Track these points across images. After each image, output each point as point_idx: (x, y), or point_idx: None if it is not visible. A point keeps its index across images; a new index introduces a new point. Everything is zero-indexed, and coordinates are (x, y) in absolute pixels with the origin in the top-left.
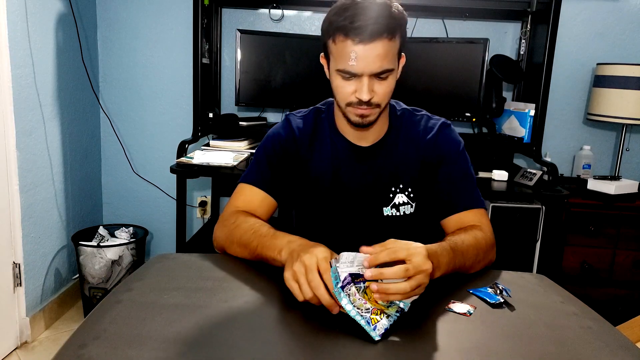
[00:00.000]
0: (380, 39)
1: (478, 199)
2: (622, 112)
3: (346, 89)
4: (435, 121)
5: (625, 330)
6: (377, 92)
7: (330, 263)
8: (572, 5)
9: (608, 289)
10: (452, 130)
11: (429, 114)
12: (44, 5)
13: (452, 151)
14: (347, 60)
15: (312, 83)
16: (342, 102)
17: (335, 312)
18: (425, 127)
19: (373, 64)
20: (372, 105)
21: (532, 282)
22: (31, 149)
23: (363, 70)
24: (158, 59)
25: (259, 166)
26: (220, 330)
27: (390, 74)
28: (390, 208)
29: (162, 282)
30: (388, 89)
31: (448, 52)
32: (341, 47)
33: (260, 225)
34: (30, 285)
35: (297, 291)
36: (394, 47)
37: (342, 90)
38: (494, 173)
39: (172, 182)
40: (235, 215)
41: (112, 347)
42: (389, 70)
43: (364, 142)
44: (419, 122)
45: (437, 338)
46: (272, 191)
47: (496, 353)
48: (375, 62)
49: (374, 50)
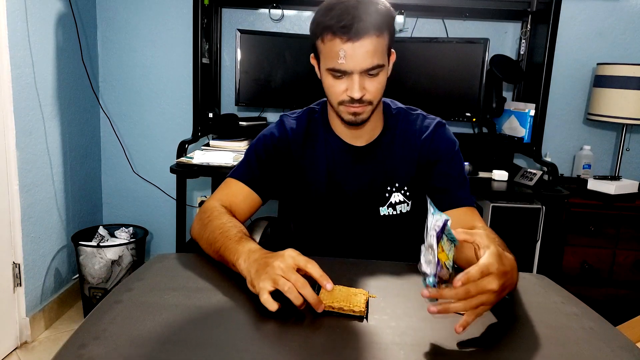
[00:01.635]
0: (368, 35)
1: (470, 197)
2: (622, 112)
3: (337, 88)
4: (431, 120)
5: (625, 330)
6: (369, 89)
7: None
8: (572, 5)
9: (608, 289)
10: (447, 129)
11: (424, 113)
12: (44, 5)
13: (447, 150)
14: (337, 58)
15: (312, 83)
16: (334, 101)
17: (321, 310)
18: (421, 126)
19: (363, 61)
20: (364, 102)
21: (532, 282)
22: (31, 148)
23: (353, 68)
24: (158, 59)
25: (247, 163)
26: (220, 330)
27: (380, 70)
28: (386, 207)
29: (162, 282)
30: (379, 86)
31: (448, 52)
32: (330, 46)
33: (231, 227)
34: (30, 285)
35: (264, 294)
36: (382, 43)
37: (333, 90)
38: (494, 173)
39: (172, 182)
40: (211, 210)
41: (112, 347)
42: (379, 67)
43: (359, 141)
44: (414, 121)
45: (437, 338)
46: (258, 189)
47: (497, 353)
48: (365, 59)
49: (363, 47)
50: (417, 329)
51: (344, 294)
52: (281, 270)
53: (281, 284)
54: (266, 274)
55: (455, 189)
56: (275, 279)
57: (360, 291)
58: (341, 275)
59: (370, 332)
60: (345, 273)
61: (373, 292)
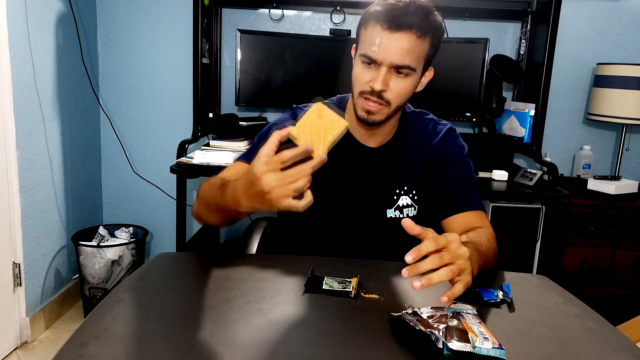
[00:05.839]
0: (408, 32)
1: (479, 201)
2: (622, 112)
3: (363, 77)
4: (442, 126)
5: (625, 330)
6: (392, 88)
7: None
8: (572, 5)
9: (608, 289)
10: (458, 135)
11: (436, 119)
12: (44, 5)
13: (456, 155)
14: (371, 45)
15: (312, 83)
16: (356, 89)
17: (321, 154)
18: (433, 131)
19: (394, 55)
20: (383, 100)
21: (533, 283)
22: (31, 148)
23: (383, 59)
24: (158, 59)
25: (254, 147)
26: (221, 330)
27: (410, 74)
28: (393, 210)
29: (162, 282)
30: (404, 90)
31: (448, 52)
32: (370, 31)
33: (215, 180)
34: (30, 285)
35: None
36: (421, 47)
37: (359, 78)
38: (494, 173)
39: (172, 182)
40: (202, 183)
41: (113, 346)
42: (410, 68)
43: (372, 142)
44: (426, 125)
45: None
46: None
47: None
48: (397, 54)
49: (399, 40)
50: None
51: (314, 126)
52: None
53: (296, 189)
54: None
55: (461, 193)
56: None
57: (316, 108)
58: (343, 274)
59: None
60: (347, 272)
61: (374, 291)
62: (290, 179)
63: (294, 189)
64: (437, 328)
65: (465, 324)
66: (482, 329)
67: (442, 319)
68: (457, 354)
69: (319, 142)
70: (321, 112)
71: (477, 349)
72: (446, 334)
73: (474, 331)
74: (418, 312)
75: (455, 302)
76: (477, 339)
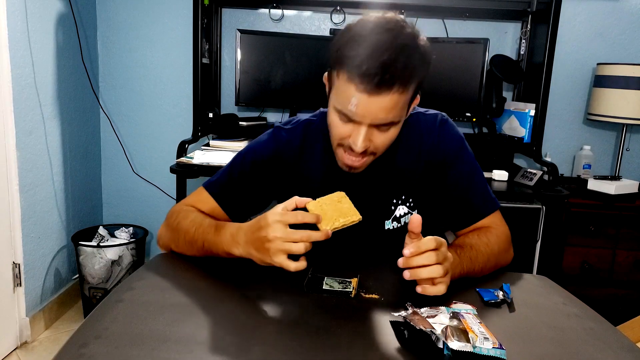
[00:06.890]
0: (390, 92)
1: (492, 200)
2: (622, 112)
3: (341, 129)
4: (433, 119)
5: (625, 330)
6: (375, 142)
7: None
8: (572, 5)
9: (608, 289)
10: (451, 125)
11: (423, 111)
12: (44, 5)
13: (455, 149)
14: (347, 103)
15: (312, 83)
16: (334, 140)
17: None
18: (425, 129)
19: (375, 116)
20: (367, 153)
21: (533, 283)
22: (31, 148)
23: (362, 119)
24: (158, 59)
25: (226, 179)
26: (221, 330)
27: (395, 124)
28: (391, 221)
29: (162, 282)
30: (387, 140)
31: (448, 52)
32: (344, 86)
33: (201, 221)
34: (30, 285)
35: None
36: (405, 98)
37: (336, 130)
38: (494, 173)
39: (172, 182)
40: (177, 212)
41: (113, 346)
42: (394, 123)
43: None
44: (416, 124)
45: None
46: (228, 208)
47: None
48: (378, 115)
49: (379, 102)
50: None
51: (331, 207)
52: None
53: (295, 250)
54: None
55: (473, 195)
56: (284, 249)
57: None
58: (343, 274)
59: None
60: (347, 272)
61: (374, 291)
62: (294, 237)
63: (293, 248)
64: (437, 327)
65: (466, 324)
66: (482, 329)
67: (442, 319)
68: (457, 354)
69: (329, 220)
70: (342, 199)
71: (478, 348)
72: (446, 333)
73: (474, 331)
74: (418, 311)
75: (455, 302)
76: (477, 338)
